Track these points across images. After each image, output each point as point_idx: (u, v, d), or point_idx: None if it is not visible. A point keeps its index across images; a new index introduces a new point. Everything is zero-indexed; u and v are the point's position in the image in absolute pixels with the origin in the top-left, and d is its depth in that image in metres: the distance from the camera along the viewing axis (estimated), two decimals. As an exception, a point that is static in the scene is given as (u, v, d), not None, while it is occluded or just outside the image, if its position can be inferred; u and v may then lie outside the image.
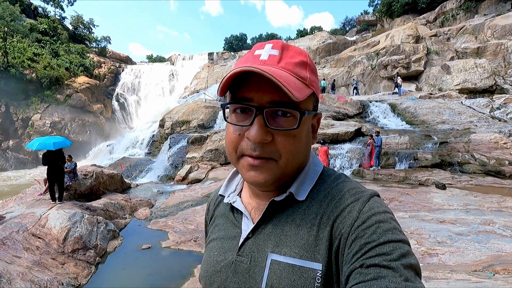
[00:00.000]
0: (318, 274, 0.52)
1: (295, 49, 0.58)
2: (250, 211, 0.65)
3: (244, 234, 0.63)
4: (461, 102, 15.11)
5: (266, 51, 0.56)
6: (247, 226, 0.63)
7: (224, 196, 0.72)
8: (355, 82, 21.85)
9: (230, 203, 0.69)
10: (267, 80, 0.52)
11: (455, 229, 4.83)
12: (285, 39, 47.97)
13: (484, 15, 22.34)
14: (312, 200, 0.59)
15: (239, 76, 0.54)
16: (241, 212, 0.66)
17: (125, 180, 11.14)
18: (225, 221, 0.70)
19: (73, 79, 27.68)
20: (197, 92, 29.25)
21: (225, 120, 0.59)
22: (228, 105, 0.58)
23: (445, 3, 26.08)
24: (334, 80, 23.38)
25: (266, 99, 0.54)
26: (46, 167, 6.48)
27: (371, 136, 9.92)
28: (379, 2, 38.39)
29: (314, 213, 0.57)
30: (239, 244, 0.62)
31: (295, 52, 0.58)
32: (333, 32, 47.25)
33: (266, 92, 0.53)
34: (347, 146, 11.42)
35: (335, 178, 0.63)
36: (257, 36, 63.58)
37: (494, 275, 3.31)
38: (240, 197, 0.70)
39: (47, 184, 6.80)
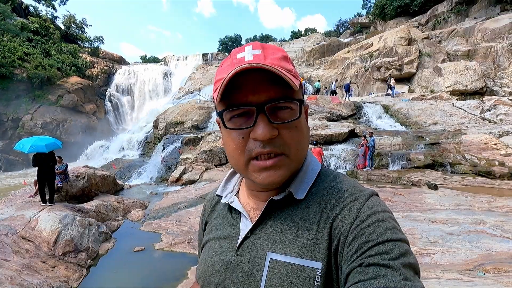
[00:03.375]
0: (317, 273, 0.52)
1: (273, 46, 0.59)
2: (248, 211, 0.65)
3: (242, 234, 0.62)
4: (453, 103, 15.34)
5: (248, 52, 0.56)
6: (245, 226, 0.63)
7: (222, 197, 0.72)
8: (333, 84, 21.16)
9: (228, 203, 0.69)
10: (261, 80, 0.53)
11: (447, 229, 4.89)
12: (279, 40, 48.08)
13: (475, 18, 22.74)
14: (311, 199, 0.59)
15: (229, 82, 0.53)
16: (239, 212, 0.66)
17: (118, 181, 11.01)
18: (223, 221, 0.69)
19: (65, 79, 27.29)
20: (192, 93, 29.11)
21: (226, 127, 0.57)
22: (225, 112, 0.56)
23: (436, 6, 26.49)
24: (351, 82, 21.50)
25: (263, 98, 0.54)
26: (36, 168, 6.36)
27: (365, 137, 10.00)
28: (372, 4, 38.80)
29: (313, 212, 0.57)
30: (238, 244, 0.62)
31: (275, 49, 0.58)
32: (327, 34, 47.54)
33: (262, 92, 0.54)
34: (341, 147, 11.49)
35: (333, 177, 0.63)
36: (252, 37, 63.60)
37: (484, 274, 3.36)
38: (238, 197, 0.70)
39: (37, 186, 6.68)
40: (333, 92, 20.03)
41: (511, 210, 5.66)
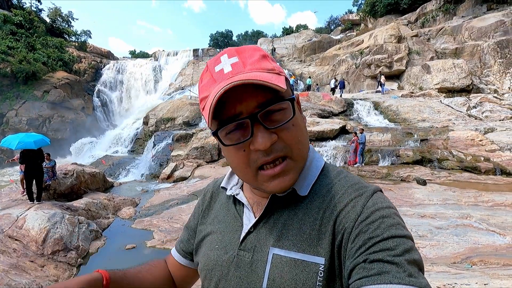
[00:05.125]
0: (320, 268, 0.52)
1: (249, 47, 0.57)
2: (252, 205, 0.65)
3: (246, 228, 0.62)
4: (440, 100, 15.67)
5: (225, 63, 0.54)
6: (248, 220, 0.63)
7: (226, 189, 0.72)
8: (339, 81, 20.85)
9: (233, 195, 0.69)
10: (246, 89, 0.51)
11: (435, 223, 5.01)
12: (270, 37, 47.93)
13: (462, 17, 23.18)
14: (314, 195, 0.59)
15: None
16: (243, 205, 0.66)
17: (108, 178, 10.85)
18: (226, 214, 0.69)
19: (51, 74, 26.55)
20: (182, 89, 28.83)
21: (224, 145, 0.56)
22: (219, 131, 0.55)
23: (425, 4, 26.86)
24: (344, 79, 21.25)
25: (253, 105, 0.52)
26: (24, 166, 6.20)
27: (356, 133, 10.12)
28: (363, 2, 39.04)
29: (316, 207, 0.57)
30: (241, 239, 0.62)
31: (251, 50, 0.57)
32: (318, 31, 47.69)
33: (249, 99, 0.52)
34: (332, 143, 11.60)
35: (337, 173, 0.63)
36: (243, 33, 63.22)
37: (471, 266, 3.47)
38: (242, 190, 0.69)
39: (25, 184, 6.49)
40: (333, 90, 19.94)
41: (496, 204, 5.85)
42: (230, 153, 0.57)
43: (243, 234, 0.62)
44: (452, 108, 14.51)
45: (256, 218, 0.62)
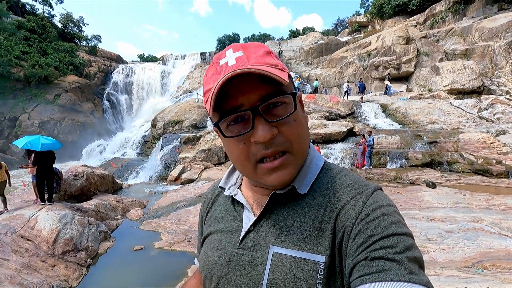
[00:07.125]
0: (320, 266, 0.52)
1: (254, 44, 0.58)
2: (251, 204, 0.65)
3: (245, 227, 0.62)
4: (450, 102, 15.41)
5: (230, 57, 0.55)
6: (248, 219, 0.63)
7: (224, 189, 0.72)
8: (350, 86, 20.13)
9: (232, 195, 0.69)
10: (249, 81, 0.52)
11: (445, 227, 4.92)
12: (277, 39, 48.02)
13: (472, 17, 22.82)
14: (314, 193, 0.59)
15: (219, 91, 0.52)
16: (242, 205, 0.66)
17: (117, 180, 10.99)
18: (225, 214, 0.69)
19: (63, 78, 27.15)
20: (190, 92, 29.08)
21: (225, 137, 0.57)
22: (221, 122, 0.55)
23: (434, 5, 26.55)
24: (361, 79, 20.83)
25: (255, 98, 0.53)
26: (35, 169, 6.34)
27: (363, 135, 10.03)
28: (370, 3, 38.82)
29: (317, 206, 0.57)
30: (241, 237, 0.62)
31: (256, 46, 0.57)
32: (325, 33, 47.52)
33: (251, 91, 0.53)
34: (339, 146, 11.51)
35: (337, 171, 0.63)
36: (250, 36, 63.48)
37: (483, 270, 3.39)
38: (241, 190, 0.70)
39: (36, 187, 6.60)
40: (346, 93, 19.50)
41: (509, 208, 5.71)
42: (230, 145, 0.58)
43: (242, 233, 0.62)
44: (463, 110, 14.25)
45: (256, 217, 0.62)
